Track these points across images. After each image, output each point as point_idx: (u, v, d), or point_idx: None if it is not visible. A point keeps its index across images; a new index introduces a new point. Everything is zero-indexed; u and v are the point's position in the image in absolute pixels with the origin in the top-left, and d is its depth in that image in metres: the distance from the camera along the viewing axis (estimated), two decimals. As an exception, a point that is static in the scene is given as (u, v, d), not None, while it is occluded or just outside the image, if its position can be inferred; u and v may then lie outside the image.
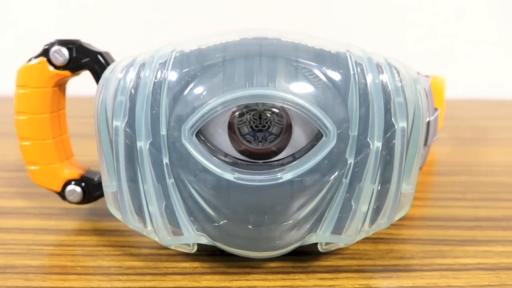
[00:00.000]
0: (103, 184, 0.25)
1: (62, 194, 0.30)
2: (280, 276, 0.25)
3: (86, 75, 0.29)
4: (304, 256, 0.27)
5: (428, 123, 0.28)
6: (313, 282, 0.25)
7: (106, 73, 0.24)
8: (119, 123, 0.23)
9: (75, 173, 0.30)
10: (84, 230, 0.30)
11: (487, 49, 0.74)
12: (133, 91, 0.22)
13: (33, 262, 0.26)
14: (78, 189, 0.29)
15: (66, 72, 0.28)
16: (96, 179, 0.30)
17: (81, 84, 0.36)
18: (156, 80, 0.22)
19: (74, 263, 0.26)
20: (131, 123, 0.22)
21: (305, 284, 0.25)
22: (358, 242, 0.28)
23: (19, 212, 0.33)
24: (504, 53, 0.75)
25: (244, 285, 0.24)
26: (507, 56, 0.75)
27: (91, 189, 0.30)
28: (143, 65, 0.23)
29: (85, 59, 0.28)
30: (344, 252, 0.27)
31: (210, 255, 0.27)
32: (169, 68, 0.22)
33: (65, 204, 0.31)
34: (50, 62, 0.28)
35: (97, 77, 0.28)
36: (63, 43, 0.28)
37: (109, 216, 0.26)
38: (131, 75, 0.23)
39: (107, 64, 0.28)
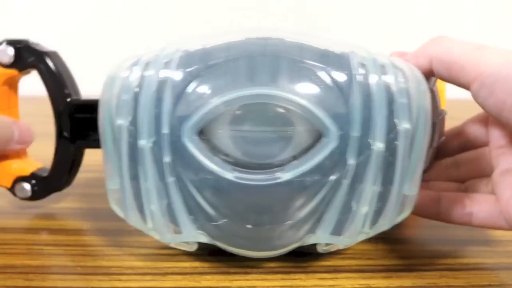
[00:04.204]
0: (106, 181, 0.25)
1: (12, 190, 0.31)
2: (280, 276, 0.25)
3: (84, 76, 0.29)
4: (304, 256, 0.27)
5: (434, 124, 0.28)
6: (313, 282, 0.25)
7: (110, 72, 0.24)
8: (123, 121, 0.23)
9: (25, 170, 0.31)
10: (84, 230, 0.30)
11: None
12: (137, 90, 0.23)
13: (33, 262, 0.26)
14: (27, 185, 0.30)
15: (14, 71, 0.29)
16: (45, 175, 0.30)
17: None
18: (160, 79, 0.22)
19: (74, 263, 0.26)
20: (134, 122, 0.22)
21: (305, 284, 0.25)
22: (358, 242, 0.28)
23: (19, 212, 0.33)
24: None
25: (244, 285, 0.24)
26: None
27: (40, 186, 0.31)
28: (147, 64, 0.23)
29: (31, 58, 0.29)
30: (344, 252, 0.27)
31: (210, 255, 0.27)
32: (173, 68, 0.22)
33: (65, 204, 0.31)
34: None
35: (43, 76, 0.29)
36: (11, 42, 0.29)
37: (109, 216, 0.26)
38: (136, 74, 0.23)
39: (54, 63, 0.29)
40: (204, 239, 0.24)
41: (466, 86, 0.23)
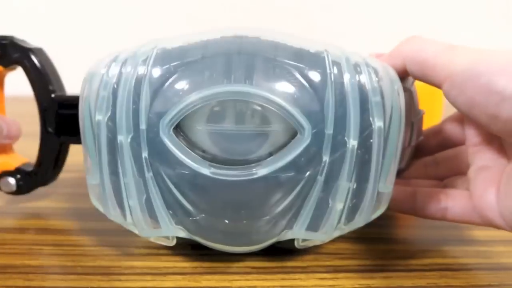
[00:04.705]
0: (87, 176, 0.25)
1: None
2: (280, 276, 0.25)
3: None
4: (304, 256, 0.27)
5: (412, 124, 0.28)
6: (313, 282, 0.25)
7: (90, 69, 0.25)
8: (102, 117, 0.23)
9: (10, 165, 0.31)
10: (83, 230, 0.30)
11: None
12: (115, 86, 0.23)
13: (33, 262, 0.26)
14: (12, 180, 0.31)
15: None
16: (30, 170, 0.31)
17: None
18: (137, 76, 0.23)
19: (74, 263, 0.26)
20: (113, 117, 0.23)
21: (305, 284, 0.25)
22: (357, 243, 0.28)
23: (19, 212, 0.33)
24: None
25: (244, 285, 0.24)
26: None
27: (25, 180, 0.31)
28: (125, 61, 0.23)
29: (15, 54, 0.29)
30: (344, 252, 0.27)
31: (210, 255, 0.27)
32: (150, 64, 0.23)
33: (64, 204, 0.31)
34: None
35: (28, 72, 0.29)
36: None
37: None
38: (114, 71, 0.23)
39: (38, 60, 0.29)
40: (183, 234, 0.25)
41: (438, 86, 0.24)
